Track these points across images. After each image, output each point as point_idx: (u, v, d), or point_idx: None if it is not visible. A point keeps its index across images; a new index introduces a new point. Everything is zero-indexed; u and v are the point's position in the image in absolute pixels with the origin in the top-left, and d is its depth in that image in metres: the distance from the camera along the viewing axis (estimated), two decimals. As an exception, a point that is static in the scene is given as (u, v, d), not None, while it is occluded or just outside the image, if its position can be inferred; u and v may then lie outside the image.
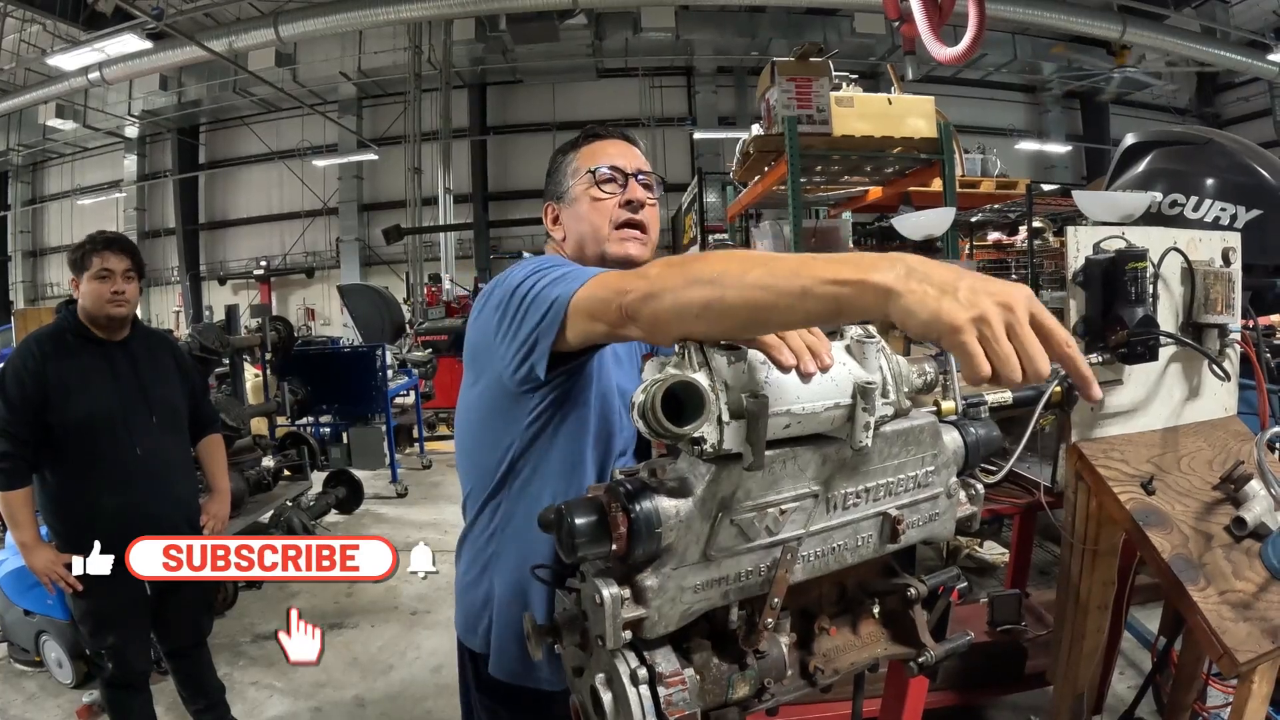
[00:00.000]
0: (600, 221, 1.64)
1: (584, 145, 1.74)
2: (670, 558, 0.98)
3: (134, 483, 2.81)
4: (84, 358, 2.80)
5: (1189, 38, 14.73)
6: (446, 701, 3.70)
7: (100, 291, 2.78)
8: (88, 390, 2.76)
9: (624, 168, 1.68)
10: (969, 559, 4.86)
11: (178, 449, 3.06)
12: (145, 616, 2.95)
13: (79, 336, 2.83)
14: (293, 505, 5.90)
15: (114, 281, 2.79)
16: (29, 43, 15.60)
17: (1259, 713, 1.93)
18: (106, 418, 2.78)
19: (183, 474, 3.07)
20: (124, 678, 2.95)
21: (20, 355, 2.78)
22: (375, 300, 11.50)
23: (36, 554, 2.75)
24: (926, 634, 1.32)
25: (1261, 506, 2.02)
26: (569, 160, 1.74)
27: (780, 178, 5.06)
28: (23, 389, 2.69)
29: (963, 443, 1.25)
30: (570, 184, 1.70)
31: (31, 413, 2.69)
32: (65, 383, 2.74)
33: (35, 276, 24.24)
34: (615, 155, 1.70)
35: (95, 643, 2.89)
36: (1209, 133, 3.12)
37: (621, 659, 0.99)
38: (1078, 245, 2.13)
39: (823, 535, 1.10)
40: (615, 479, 1.02)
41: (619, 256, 1.63)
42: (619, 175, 1.67)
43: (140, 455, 2.83)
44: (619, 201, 1.65)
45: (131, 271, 2.87)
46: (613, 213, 1.65)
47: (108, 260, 2.80)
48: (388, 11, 13.53)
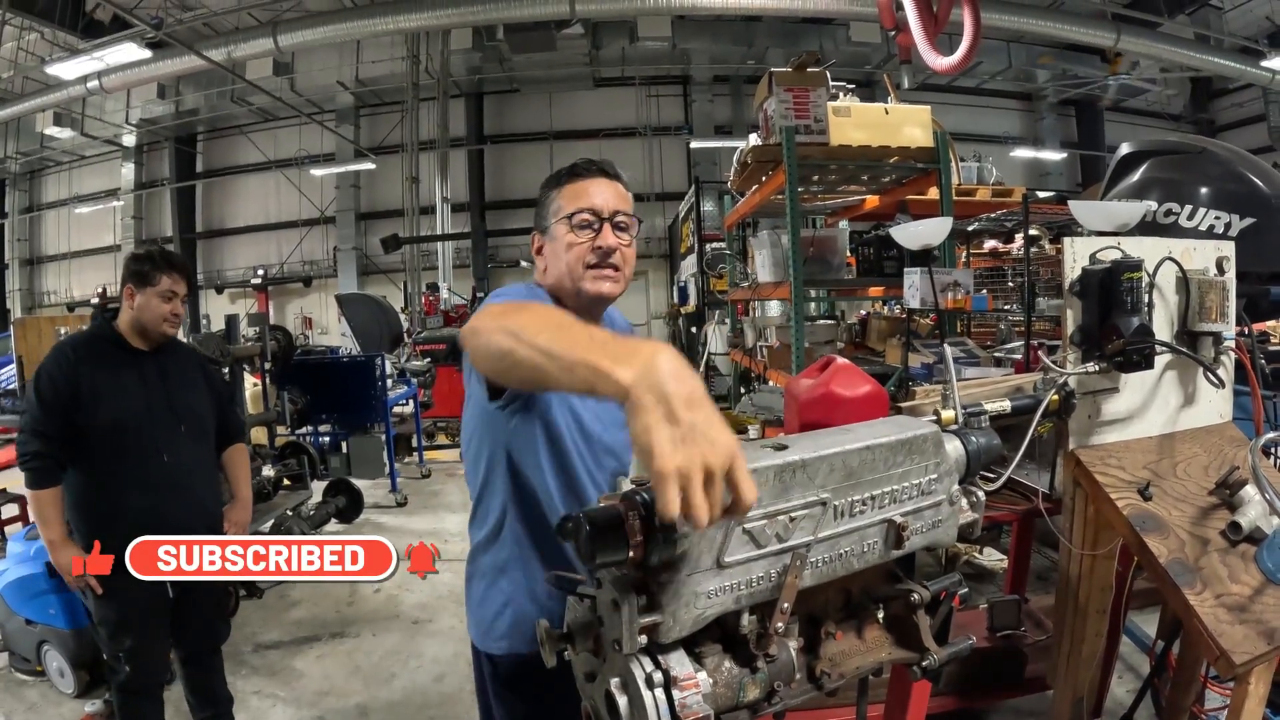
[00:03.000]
0: (575, 263, 1.75)
1: (567, 183, 1.80)
2: (685, 564, 1.02)
3: (158, 488, 2.87)
4: (116, 365, 2.88)
5: (1183, 44, 14.81)
6: (449, 710, 3.71)
7: (162, 311, 2.90)
8: (117, 396, 2.83)
9: (601, 210, 1.76)
10: (968, 565, 4.89)
11: (202, 457, 3.13)
12: (164, 621, 2.99)
13: (113, 344, 2.91)
14: (293, 514, 5.93)
15: (175, 304, 2.94)
16: (27, 51, 15.62)
17: (1256, 713, 1.96)
18: (134, 424, 2.84)
19: (206, 482, 3.13)
20: (139, 683, 2.98)
21: (54, 358, 2.86)
22: (373, 309, 11.51)
23: (63, 552, 2.81)
24: (929, 638, 1.36)
25: (1256, 511, 2.04)
26: (552, 197, 1.81)
27: (778, 187, 5.10)
28: (55, 390, 2.77)
29: (964, 451, 1.29)
30: (551, 221, 1.80)
31: (62, 414, 2.76)
32: (96, 387, 2.80)
33: (32, 284, 24.24)
34: (595, 195, 1.77)
35: (113, 645, 2.92)
36: (1203, 142, 3.15)
37: (637, 663, 1.02)
38: (1074, 256, 2.16)
39: (831, 542, 1.14)
40: (630, 489, 1.05)
41: (592, 294, 1.76)
42: (595, 220, 1.75)
43: (166, 462, 2.90)
44: (592, 245, 1.74)
45: (185, 295, 3.00)
46: (586, 255, 1.74)
47: (176, 283, 2.93)
48: (385, 21, 13.57)
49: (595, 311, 1.83)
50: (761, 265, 5.81)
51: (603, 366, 0.96)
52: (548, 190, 1.83)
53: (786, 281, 5.13)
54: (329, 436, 7.88)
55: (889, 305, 8.40)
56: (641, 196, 19.80)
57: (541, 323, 1.13)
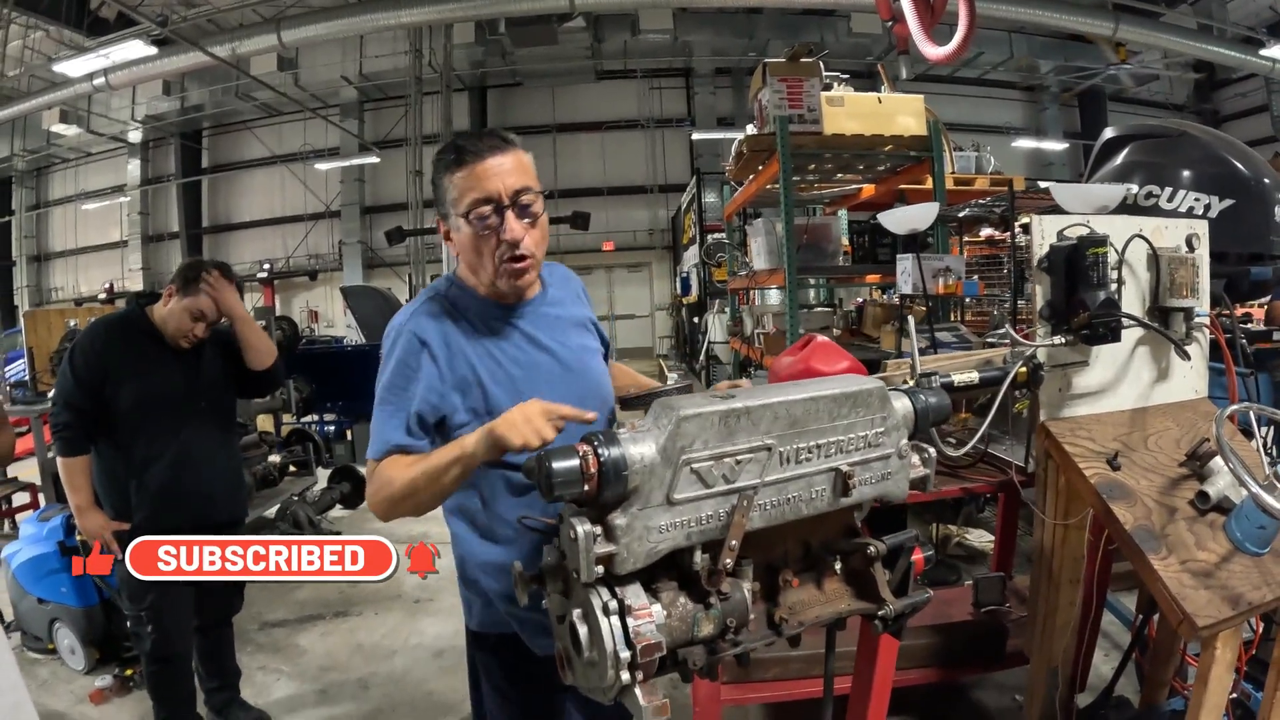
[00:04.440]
0: (485, 261, 1.69)
1: (456, 170, 1.66)
2: (637, 499, 1.11)
3: (178, 465, 3.02)
4: (144, 347, 3.02)
5: (1184, 34, 14.76)
6: (447, 684, 3.79)
7: (185, 327, 3.04)
8: (141, 377, 2.98)
9: (500, 195, 1.64)
10: (958, 546, 4.96)
11: (223, 434, 3.29)
12: (185, 585, 3.09)
13: (143, 331, 3.05)
14: (298, 500, 6.01)
15: (200, 328, 3.06)
16: (33, 49, 15.70)
17: (1223, 679, 2.00)
18: (156, 404, 2.99)
19: (225, 457, 3.28)
20: (165, 648, 3.11)
21: (89, 335, 3.04)
22: (378, 301, 11.55)
23: (89, 516, 2.99)
24: (887, 590, 1.43)
25: (1225, 481, 2.09)
26: (445, 183, 1.69)
27: (773, 176, 5.17)
28: (88, 366, 2.93)
29: (912, 408, 1.36)
30: (451, 211, 1.69)
31: (92, 389, 2.92)
32: (123, 368, 2.96)
33: (40, 281, 24.35)
34: (489, 178, 1.63)
35: (135, 604, 3.06)
36: (1183, 125, 3.20)
37: (595, 593, 1.11)
38: (1042, 233, 2.23)
39: (778, 486, 1.21)
40: (590, 432, 1.14)
41: (509, 289, 1.73)
42: (494, 211, 1.64)
43: (184, 439, 3.04)
44: (497, 239, 1.66)
45: (216, 321, 3.12)
46: (495, 251, 1.67)
47: (208, 304, 3.04)
48: (388, 16, 13.63)
49: (520, 295, 1.79)
50: (758, 253, 5.88)
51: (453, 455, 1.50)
52: (439, 174, 1.70)
53: (781, 269, 5.20)
54: (334, 424, 7.97)
55: (887, 294, 8.46)
56: (644, 188, 19.88)
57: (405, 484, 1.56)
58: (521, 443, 1.32)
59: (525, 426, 1.34)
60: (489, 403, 1.66)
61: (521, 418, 1.35)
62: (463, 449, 1.47)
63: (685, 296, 12.88)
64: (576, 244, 17.82)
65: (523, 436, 1.33)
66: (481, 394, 1.67)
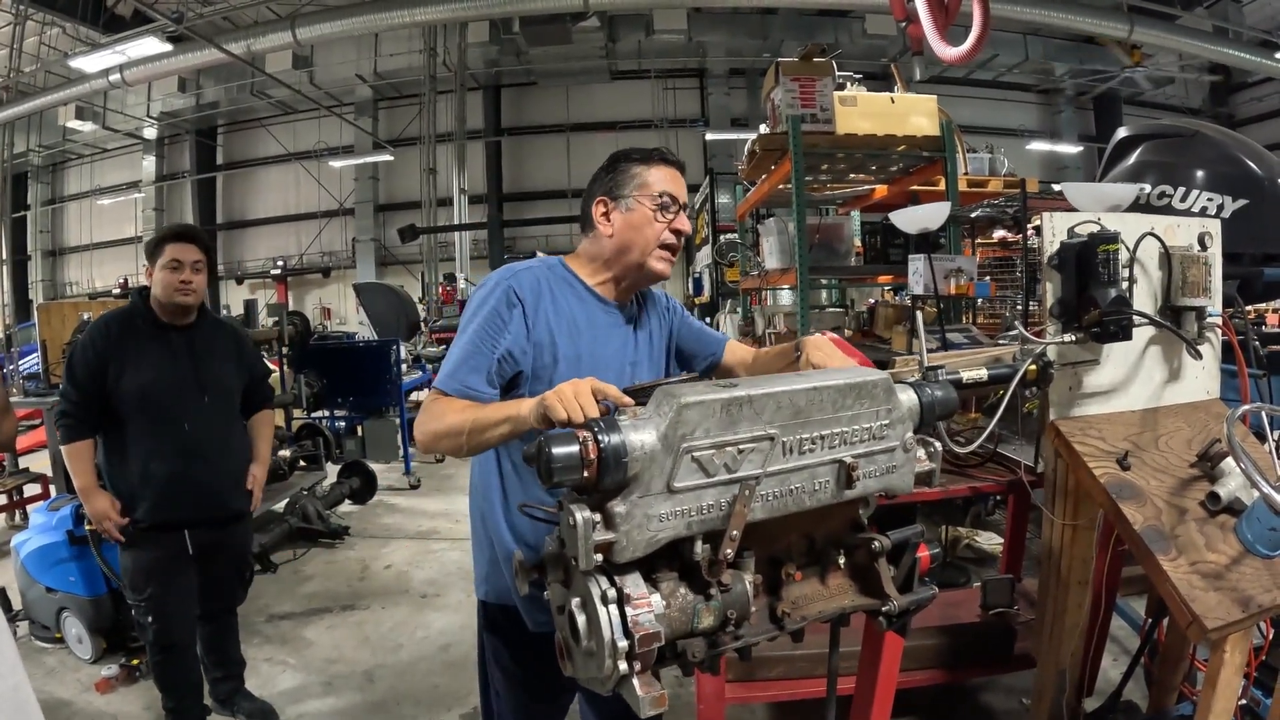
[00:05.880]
0: (651, 240, 1.88)
1: (655, 165, 1.91)
2: (637, 487, 1.10)
3: (181, 456, 3.03)
4: (145, 339, 3.04)
5: (1200, 37, 14.67)
6: (453, 677, 3.79)
7: (170, 280, 3.01)
8: (142, 368, 2.99)
9: (680, 199, 1.90)
10: (967, 549, 4.93)
11: (227, 427, 3.28)
12: (186, 575, 3.16)
13: (146, 320, 3.07)
14: (307, 494, 6.03)
15: (183, 271, 3.02)
16: (49, 45, 15.81)
17: (1232, 683, 1.97)
18: (157, 394, 3.00)
19: (229, 449, 3.27)
20: (167, 637, 3.12)
21: (91, 330, 3.06)
22: (390, 299, 11.56)
23: (93, 498, 3.00)
24: (891, 586, 1.41)
25: (1236, 482, 2.06)
26: (636, 172, 1.90)
27: (785, 176, 5.15)
28: (87, 360, 2.96)
29: (918, 401, 1.34)
30: (633, 194, 1.89)
31: (92, 381, 2.95)
32: (122, 360, 2.98)
33: (54, 275, 24.55)
34: (673, 183, 1.90)
35: (135, 594, 3.09)
36: (1197, 124, 3.17)
37: (594, 581, 1.10)
38: (1053, 230, 2.21)
39: (780, 477, 1.20)
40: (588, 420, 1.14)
41: (654, 271, 1.91)
42: (677, 206, 1.89)
43: (187, 431, 3.05)
44: (669, 226, 1.88)
45: (201, 263, 3.09)
46: (662, 235, 1.88)
47: (179, 251, 3.03)
48: (403, 14, 13.65)
49: (642, 284, 1.99)
50: (769, 253, 5.86)
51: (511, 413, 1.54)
52: (629, 164, 1.91)
53: (793, 268, 5.18)
54: (345, 420, 7.99)
55: (900, 295, 8.43)
56: (658, 188, 19.80)
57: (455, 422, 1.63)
58: (565, 417, 1.31)
59: (571, 401, 1.33)
60: (556, 373, 1.79)
61: (571, 391, 1.35)
62: (517, 410, 1.52)
63: (698, 297, 12.83)
64: (589, 244, 17.69)
65: (566, 411, 1.32)
66: (553, 362, 1.80)
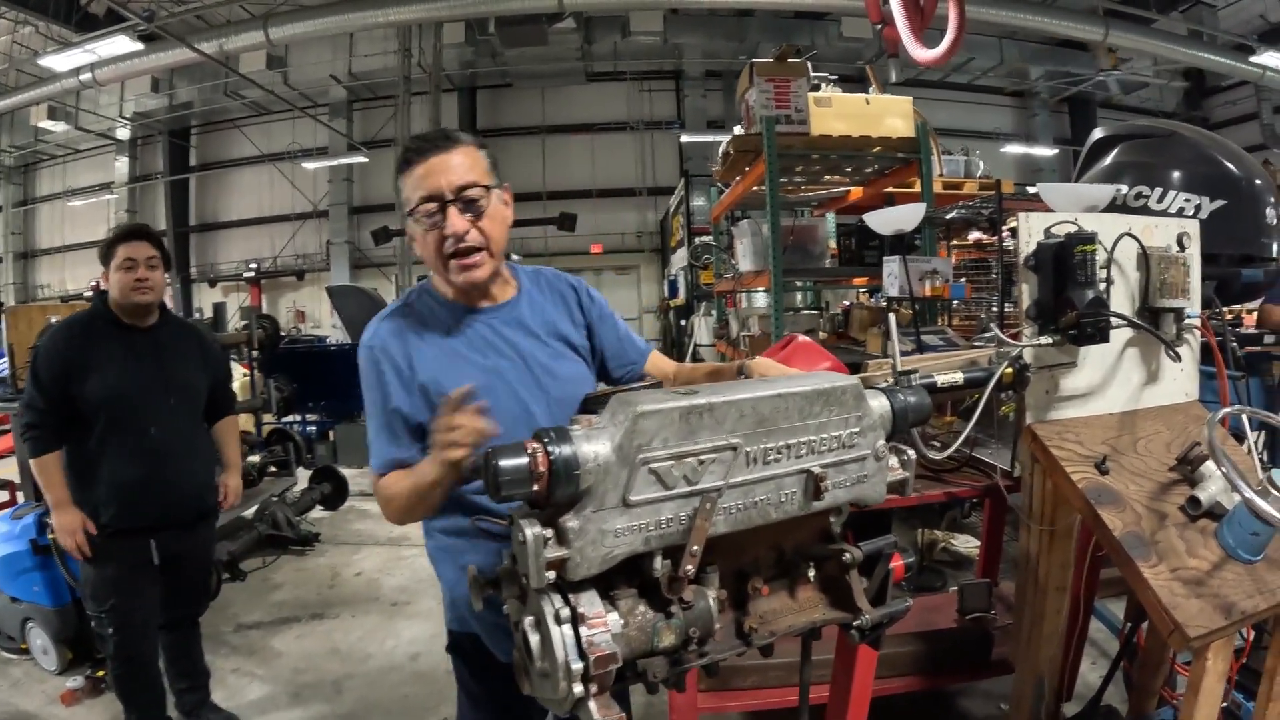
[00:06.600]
0: (434, 259, 1.70)
1: (404, 172, 1.69)
2: (591, 501, 1.03)
3: (147, 459, 2.96)
4: (108, 342, 2.98)
5: (1174, 41, 14.79)
6: (423, 688, 3.73)
7: (126, 280, 2.95)
8: (106, 371, 2.93)
9: (442, 192, 1.64)
10: (943, 552, 4.91)
11: (193, 430, 3.23)
12: (149, 585, 3.09)
13: (107, 322, 3.01)
14: (277, 500, 5.93)
15: (138, 269, 2.96)
16: (21, 44, 15.58)
17: (1215, 690, 1.95)
18: (122, 398, 2.94)
19: (196, 452, 3.22)
20: (128, 648, 3.05)
21: (52, 336, 3.00)
22: (363, 301, 11.42)
23: (65, 512, 2.94)
24: (863, 599, 1.36)
25: (1216, 486, 2.04)
26: (400, 185, 1.71)
27: (759, 177, 5.12)
28: (49, 366, 2.90)
29: (890, 408, 1.29)
30: (406, 210, 1.70)
31: (56, 388, 2.89)
32: (87, 364, 2.91)
33: (26, 278, 24.18)
34: (432, 177, 1.65)
35: (97, 605, 3.02)
36: (1173, 125, 3.15)
37: (547, 599, 1.04)
38: (1029, 231, 2.17)
39: (744, 488, 1.14)
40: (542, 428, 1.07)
41: (462, 284, 1.72)
42: (437, 208, 1.65)
43: (155, 434, 2.99)
44: (441, 235, 1.66)
45: (155, 259, 3.04)
46: (440, 248, 1.67)
47: (131, 249, 2.98)
48: (377, 14, 13.52)
49: (482, 292, 1.78)
50: (743, 255, 5.82)
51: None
52: (396, 180, 1.73)
53: (767, 270, 5.15)
54: (316, 424, 7.90)
55: (875, 297, 8.42)
56: (634, 191, 19.80)
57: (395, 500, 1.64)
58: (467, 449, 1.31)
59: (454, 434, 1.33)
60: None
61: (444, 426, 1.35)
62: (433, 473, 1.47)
63: (672, 300, 12.83)
64: (564, 246, 17.73)
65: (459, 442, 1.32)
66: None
